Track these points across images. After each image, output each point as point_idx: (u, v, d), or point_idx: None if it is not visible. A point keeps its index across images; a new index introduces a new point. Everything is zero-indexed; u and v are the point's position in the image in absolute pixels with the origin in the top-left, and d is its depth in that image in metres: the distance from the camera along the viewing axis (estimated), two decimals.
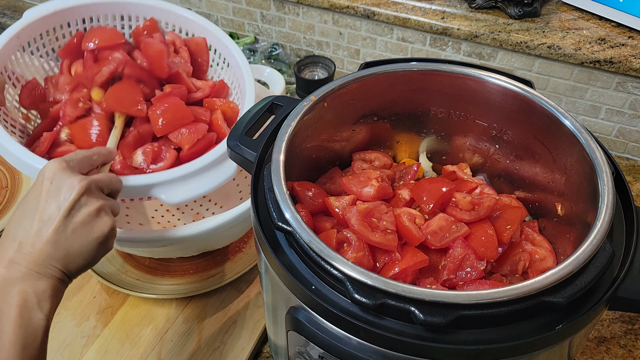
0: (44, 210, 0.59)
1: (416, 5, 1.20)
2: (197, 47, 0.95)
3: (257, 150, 0.65)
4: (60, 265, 0.58)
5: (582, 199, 0.61)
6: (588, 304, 0.51)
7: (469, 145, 0.78)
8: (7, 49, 0.82)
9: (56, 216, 0.58)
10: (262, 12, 1.38)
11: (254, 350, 0.85)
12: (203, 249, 0.91)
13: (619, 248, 0.56)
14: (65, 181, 0.60)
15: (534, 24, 1.13)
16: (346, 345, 0.51)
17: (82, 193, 0.60)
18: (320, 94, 0.67)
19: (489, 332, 0.48)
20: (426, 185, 0.67)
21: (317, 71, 1.27)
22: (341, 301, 0.51)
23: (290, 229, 0.53)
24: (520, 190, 0.75)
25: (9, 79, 0.84)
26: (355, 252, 0.60)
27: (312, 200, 0.68)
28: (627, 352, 0.83)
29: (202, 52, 0.95)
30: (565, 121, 0.63)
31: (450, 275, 0.60)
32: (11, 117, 0.83)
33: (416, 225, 0.63)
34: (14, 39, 0.83)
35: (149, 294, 0.88)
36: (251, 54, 1.40)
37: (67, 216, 0.59)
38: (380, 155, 0.78)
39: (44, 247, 0.57)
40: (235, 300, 0.90)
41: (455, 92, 0.72)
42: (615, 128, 1.16)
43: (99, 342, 0.85)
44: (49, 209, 0.59)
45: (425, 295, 0.47)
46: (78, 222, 0.59)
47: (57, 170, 0.61)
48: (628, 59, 1.04)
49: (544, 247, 0.66)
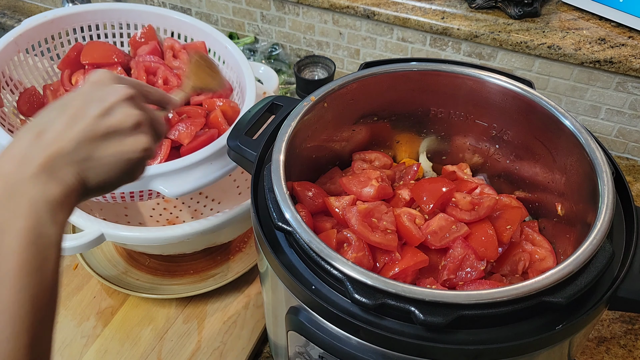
0: (78, 106, 0.50)
1: (416, 5, 1.20)
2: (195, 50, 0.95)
3: (257, 150, 0.65)
4: (78, 170, 0.49)
5: (582, 199, 0.61)
6: (588, 304, 0.51)
7: (469, 145, 0.78)
8: (5, 53, 0.83)
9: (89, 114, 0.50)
10: (262, 12, 1.38)
11: (254, 350, 0.85)
12: (212, 243, 0.91)
13: (619, 248, 0.56)
14: (111, 86, 0.53)
15: (534, 24, 1.13)
16: (346, 345, 0.51)
17: (124, 98, 0.53)
18: (320, 94, 0.67)
19: (489, 332, 0.49)
20: (426, 185, 0.67)
21: (317, 71, 1.27)
22: (341, 301, 0.51)
23: (290, 229, 0.53)
24: (520, 190, 0.75)
25: (7, 84, 0.84)
26: (355, 252, 0.60)
27: (312, 200, 0.68)
28: (627, 352, 0.83)
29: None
30: (565, 121, 0.63)
31: (450, 275, 0.60)
32: (8, 122, 0.83)
33: (416, 225, 0.63)
34: (12, 44, 0.84)
35: (149, 294, 0.88)
36: (251, 54, 1.40)
37: (100, 116, 0.50)
38: (380, 155, 0.78)
39: (66, 144, 0.48)
40: (235, 300, 0.90)
41: (455, 92, 0.72)
42: (615, 128, 1.16)
43: (99, 342, 0.85)
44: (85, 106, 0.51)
45: (425, 295, 0.47)
46: (112, 126, 0.51)
47: (105, 77, 0.54)
48: (628, 59, 1.04)
49: (544, 247, 0.66)
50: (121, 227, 0.77)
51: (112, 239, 0.78)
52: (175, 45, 0.95)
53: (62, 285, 0.93)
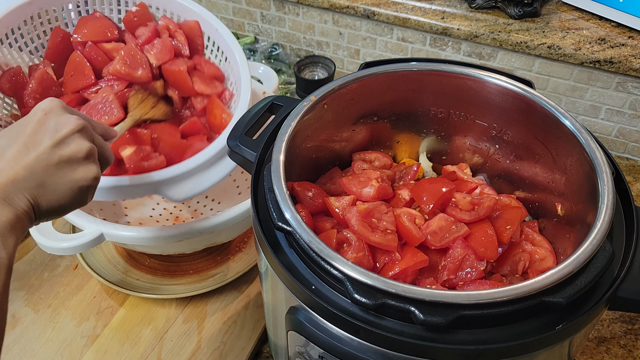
0: (31, 135, 0.53)
1: (416, 5, 1.20)
2: (190, 31, 0.93)
3: (257, 150, 0.65)
4: (30, 196, 0.51)
5: (582, 199, 0.61)
6: (588, 304, 0.51)
7: (469, 145, 0.78)
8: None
9: (43, 143, 0.53)
10: (262, 12, 1.38)
11: (254, 350, 0.85)
12: (212, 243, 0.91)
13: (619, 248, 0.56)
14: (63, 116, 0.55)
15: (534, 24, 1.13)
16: (346, 345, 0.51)
17: (77, 130, 0.55)
18: (320, 94, 0.67)
19: (489, 332, 0.48)
20: (426, 185, 0.67)
21: (317, 71, 1.27)
22: (341, 301, 0.51)
23: (290, 229, 0.53)
24: (520, 190, 0.75)
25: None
26: (355, 252, 0.60)
27: (312, 200, 0.68)
28: (627, 352, 0.83)
29: (195, 35, 0.93)
30: (565, 121, 0.63)
31: (450, 275, 0.60)
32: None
33: (416, 226, 0.63)
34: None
35: (149, 294, 0.88)
36: (251, 54, 1.40)
37: (54, 146, 0.53)
38: (380, 156, 0.78)
39: (20, 171, 0.50)
40: (235, 300, 0.90)
41: (455, 92, 0.72)
42: (615, 128, 1.16)
43: (99, 342, 0.85)
44: (38, 135, 0.53)
45: (425, 295, 0.47)
46: (64, 156, 0.53)
47: (55, 106, 0.56)
48: (628, 59, 1.04)
49: (544, 247, 0.66)
50: (121, 227, 0.77)
51: (112, 238, 0.78)
52: (170, 25, 0.92)
53: (62, 285, 0.93)
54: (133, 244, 0.82)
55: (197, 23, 0.93)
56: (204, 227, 0.78)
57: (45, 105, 0.56)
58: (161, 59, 0.88)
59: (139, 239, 0.78)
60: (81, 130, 0.56)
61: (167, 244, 0.81)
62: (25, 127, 0.53)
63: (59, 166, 0.53)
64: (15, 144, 0.52)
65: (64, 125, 0.54)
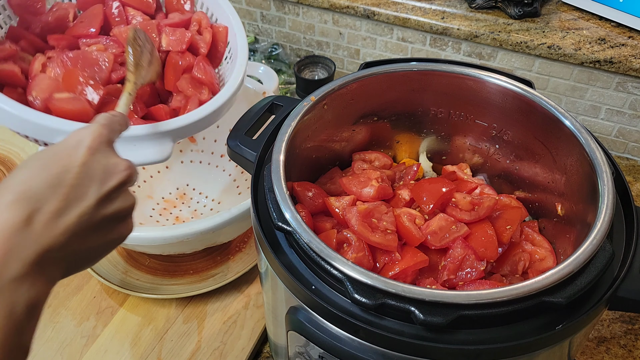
0: (74, 185, 0.43)
1: (416, 5, 1.20)
2: (216, 35, 0.92)
3: (257, 150, 0.65)
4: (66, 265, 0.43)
5: (582, 199, 0.61)
6: (588, 304, 0.51)
7: (469, 145, 0.78)
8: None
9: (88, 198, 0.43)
10: (262, 12, 1.38)
11: (254, 350, 0.85)
12: (212, 243, 0.90)
13: (619, 248, 0.56)
14: (111, 159, 0.46)
15: (534, 24, 1.13)
16: (346, 345, 0.51)
17: (125, 181, 0.46)
18: (320, 94, 0.67)
19: (489, 332, 0.49)
20: (426, 185, 0.67)
21: (317, 71, 1.27)
22: (341, 301, 0.51)
23: (290, 229, 0.53)
24: (520, 190, 0.75)
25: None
26: (355, 252, 0.60)
27: (312, 200, 0.68)
28: (627, 352, 0.83)
29: (219, 41, 0.92)
30: (565, 121, 0.63)
31: (450, 275, 0.60)
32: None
33: (416, 226, 0.63)
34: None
35: (149, 294, 0.88)
36: (251, 54, 1.40)
37: (99, 203, 0.44)
38: (380, 156, 0.78)
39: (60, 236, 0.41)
40: (235, 300, 0.90)
41: (455, 92, 0.72)
42: (615, 128, 1.16)
43: (99, 342, 0.85)
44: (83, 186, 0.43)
45: (425, 295, 0.47)
46: (107, 215, 0.45)
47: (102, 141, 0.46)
48: (628, 59, 1.04)
49: (544, 247, 0.66)
50: None
51: None
52: (202, 21, 0.91)
53: (62, 285, 0.93)
54: (133, 244, 0.82)
55: (226, 29, 0.91)
56: (204, 227, 0.78)
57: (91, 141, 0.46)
58: (173, 47, 0.86)
59: (139, 239, 0.78)
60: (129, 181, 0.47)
61: (167, 244, 0.81)
62: (68, 170, 0.43)
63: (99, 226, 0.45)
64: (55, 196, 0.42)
65: (112, 175, 0.45)
